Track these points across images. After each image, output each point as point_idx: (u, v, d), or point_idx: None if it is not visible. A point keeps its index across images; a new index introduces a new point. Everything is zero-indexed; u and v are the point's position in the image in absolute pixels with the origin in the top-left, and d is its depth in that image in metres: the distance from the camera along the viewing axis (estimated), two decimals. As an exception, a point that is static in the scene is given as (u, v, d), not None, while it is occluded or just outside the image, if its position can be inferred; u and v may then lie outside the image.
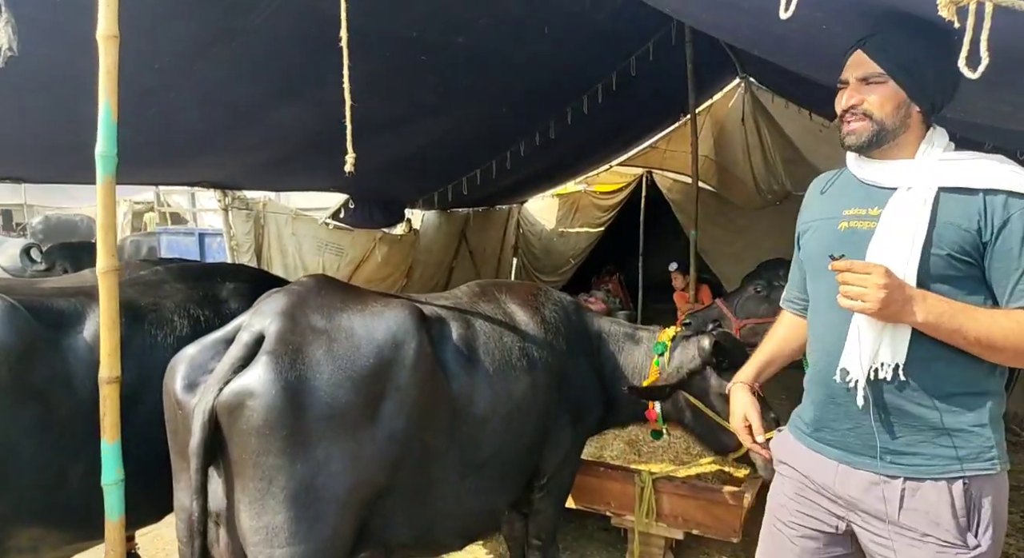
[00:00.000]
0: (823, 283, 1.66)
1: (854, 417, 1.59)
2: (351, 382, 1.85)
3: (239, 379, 1.78)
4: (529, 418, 2.35)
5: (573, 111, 4.98)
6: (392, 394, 1.93)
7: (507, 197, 7.76)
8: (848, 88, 1.61)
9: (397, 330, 1.98)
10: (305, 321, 1.91)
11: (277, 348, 1.83)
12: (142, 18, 2.52)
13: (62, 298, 2.13)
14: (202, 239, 8.25)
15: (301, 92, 3.42)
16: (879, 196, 1.59)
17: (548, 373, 2.44)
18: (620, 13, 3.93)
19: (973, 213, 1.48)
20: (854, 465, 1.61)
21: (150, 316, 2.22)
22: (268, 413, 1.75)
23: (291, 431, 1.77)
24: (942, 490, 1.51)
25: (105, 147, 1.87)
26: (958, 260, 1.49)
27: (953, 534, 1.50)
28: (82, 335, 2.07)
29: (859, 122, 1.58)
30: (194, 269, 2.60)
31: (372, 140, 4.26)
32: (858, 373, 1.53)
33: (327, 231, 5.97)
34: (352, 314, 1.98)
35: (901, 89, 1.54)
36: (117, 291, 1.90)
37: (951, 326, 1.44)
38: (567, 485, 2.71)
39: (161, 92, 3.16)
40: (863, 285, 1.42)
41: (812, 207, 1.81)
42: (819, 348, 1.68)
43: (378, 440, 1.90)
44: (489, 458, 2.23)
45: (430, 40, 3.48)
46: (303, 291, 2.04)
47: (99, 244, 1.89)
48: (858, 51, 1.59)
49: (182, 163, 4.21)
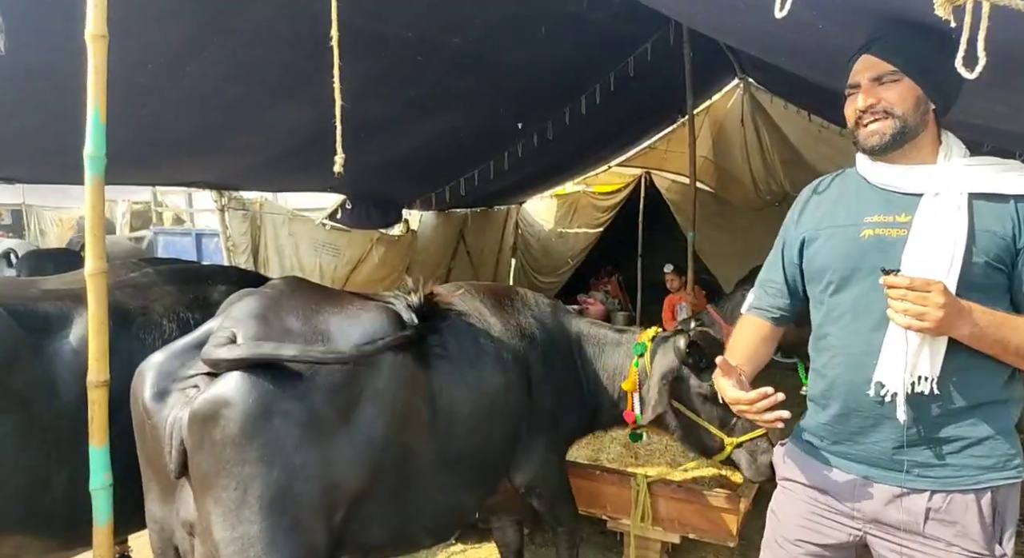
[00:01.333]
0: (846, 295, 1.59)
1: (881, 430, 1.55)
2: (327, 386, 1.82)
3: (213, 388, 1.74)
4: (501, 418, 2.35)
5: (571, 112, 4.97)
6: (371, 397, 1.90)
7: (505, 198, 7.74)
8: (861, 90, 1.55)
9: (375, 333, 1.94)
10: (279, 324, 1.86)
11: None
12: (135, 17, 2.49)
13: (47, 302, 2.10)
14: (199, 239, 8.22)
15: (296, 92, 3.40)
16: (904, 202, 1.54)
17: (520, 374, 2.43)
18: (618, 13, 3.91)
19: (1007, 220, 1.46)
20: (878, 479, 1.57)
21: (138, 320, 2.19)
22: (244, 421, 1.71)
23: (268, 439, 1.73)
24: (971, 501, 1.49)
25: (94, 148, 1.85)
26: (993, 268, 1.47)
27: (981, 544, 1.49)
28: (68, 340, 2.04)
29: (881, 121, 1.52)
30: (184, 271, 2.57)
31: (369, 140, 4.23)
32: (898, 387, 1.47)
33: (324, 232, 5.95)
34: (328, 316, 1.95)
35: (917, 85, 1.49)
36: (106, 293, 1.88)
37: (995, 337, 1.42)
38: (559, 482, 2.69)
39: (155, 92, 3.14)
40: (923, 304, 1.36)
41: (817, 213, 1.72)
42: (843, 361, 1.60)
43: (356, 444, 1.87)
44: (460, 456, 2.22)
45: (426, 40, 3.47)
46: (275, 294, 1.99)
47: (87, 246, 1.87)
48: (864, 56, 1.55)
49: (177, 163, 4.19)
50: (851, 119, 1.59)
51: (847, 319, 1.60)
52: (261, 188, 5.54)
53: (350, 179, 5.30)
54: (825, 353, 1.66)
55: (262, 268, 5.63)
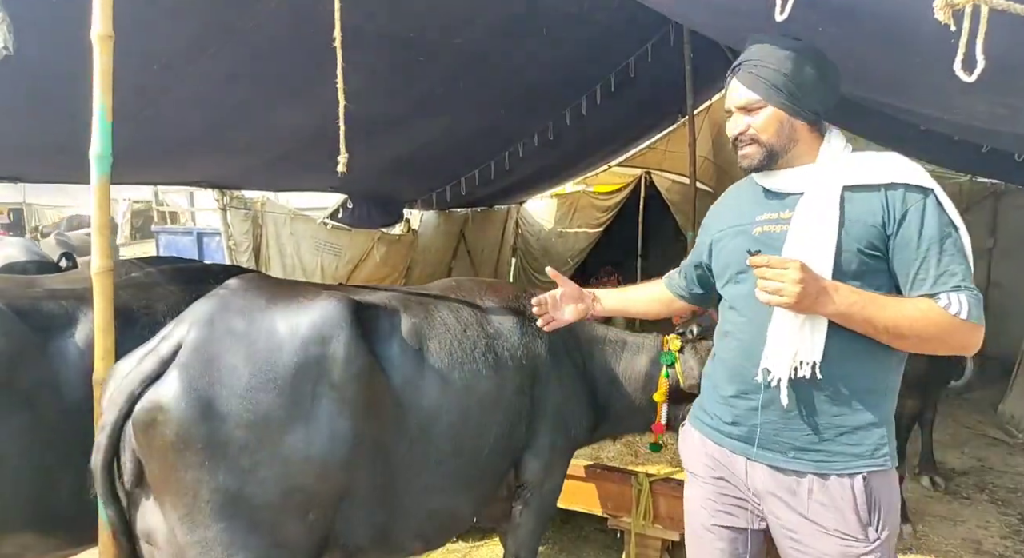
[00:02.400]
0: (742, 286, 1.73)
1: (767, 413, 1.65)
2: (272, 384, 1.76)
3: (149, 394, 1.72)
4: (493, 417, 2.22)
5: (572, 112, 4.97)
6: (327, 392, 1.82)
7: (506, 197, 7.75)
8: (733, 117, 1.71)
9: (323, 324, 1.86)
10: (224, 326, 1.82)
11: (189, 358, 1.76)
12: (140, 17, 2.51)
13: (52, 301, 2.11)
14: (200, 239, 8.24)
15: (298, 92, 3.41)
16: (788, 201, 1.68)
17: (520, 374, 2.32)
18: (618, 14, 3.92)
19: (877, 208, 1.56)
20: (762, 460, 1.68)
21: (142, 319, 2.21)
22: (180, 427, 1.69)
23: (207, 443, 1.70)
24: (845, 486, 1.59)
25: (100, 147, 1.86)
26: (867, 255, 1.56)
27: (856, 528, 1.58)
28: (72, 339, 2.05)
29: (749, 147, 1.68)
30: (187, 270, 2.59)
31: (370, 140, 4.25)
32: (781, 371, 1.58)
33: (325, 231, 5.96)
34: (275, 312, 1.88)
35: (781, 110, 1.63)
36: (111, 292, 1.90)
37: (862, 315, 1.51)
38: (551, 498, 2.56)
39: (159, 91, 3.16)
40: (780, 279, 1.47)
41: (722, 218, 1.88)
42: (737, 346, 1.73)
43: (317, 442, 1.80)
44: (447, 456, 2.12)
45: (428, 41, 3.48)
46: (227, 294, 1.94)
47: (93, 245, 1.88)
48: (733, 81, 1.69)
49: (180, 163, 4.20)
50: (731, 139, 1.74)
51: (742, 309, 1.72)
52: (264, 187, 5.55)
53: (351, 179, 5.30)
54: (724, 340, 1.80)
55: (264, 267, 5.64)
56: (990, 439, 5.22)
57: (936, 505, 4.09)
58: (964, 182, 6.88)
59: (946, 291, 1.49)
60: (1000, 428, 5.41)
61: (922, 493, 4.23)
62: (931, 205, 1.54)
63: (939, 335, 1.50)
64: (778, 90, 1.62)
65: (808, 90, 1.62)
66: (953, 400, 5.61)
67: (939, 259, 1.51)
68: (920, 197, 1.54)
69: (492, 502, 2.43)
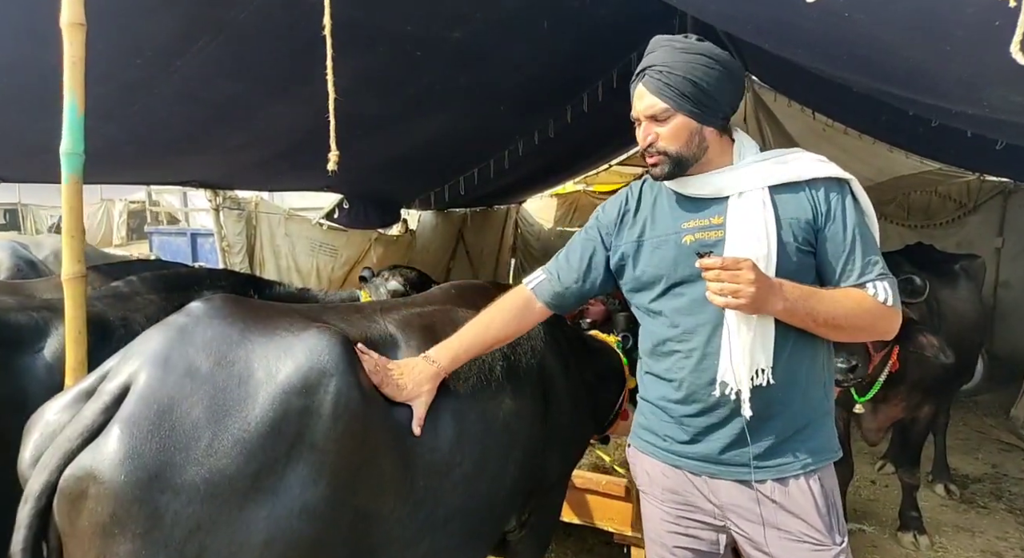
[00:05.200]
0: (682, 299, 1.65)
1: (727, 426, 1.61)
2: (240, 447, 1.36)
3: (83, 457, 1.32)
4: (512, 455, 1.91)
5: (573, 109, 4.85)
6: (304, 456, 1.42)
7: (505, 197, 7.64)
8: (642, 127, 1.64)
9: (310, 369, 1.46)
10: (183, 365, 1.41)
11: (136, 410, 1.35)
12: (122, 8, 2.39)
13: (21, 312, 1.98)
14: (194, 239, 8.11)
15: (290, 89, 3.28)
16: (714, 206, 1.64)
17: (536, 398, 2.03)
18: (621, 7, 3.80)
19: (805, 205, 1.59)
20: (723, 476, 1.64)
21: (119, 332, 2.05)
22: (117, 504, 1.29)
23: (149, 527, 1.30)
24: (804, 489, 1.60)
25: (71, 144, 1.72)
26: (803, 252, 1.58)
27: (823, 531, 1.59)
28: (41, 353, 1.91)
29: (657, 157, 1.63)
30: (168, 278, 2.44)
31: (365, 138, 4.12)
32: (742, 382, 1.54)
33: (321, 232, 5.84)
34: (251, 350, 1.47)
35: (690, 118, 1.59)
36: (84, 299, 1.77)
37: (804, 309, 1.51)
38: (555, 517, 2.39)
39: (144, 87, 3.03)
40: (736, 281, 1.43)
41: (627, 228, 1.77)
42: (687, 364, 1.64)
43: (280, 519, 1.39)
44: (455, 512, 1.76)
45: (425, 35, 3.35)
46: (189, 322, 1.51)
47: (64, 249, 1.75)
48: (638, 87, 1.62)
49: (169, 162, 4.08)
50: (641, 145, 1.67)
51: (686, 324, 1.65)
52: (256, 187, 5.42)
53: (347, 178, 5.19)
54: (668, 358, 1.70)
55: (258, 269, 5.52)
56: (1003, 444, 5.09)
57: (952, 514, 3.97)
58: (972, 181, 6.76)
59: (871, 280, 1.56)
60: (1014, 433, 5.28)
61: (937, 501, 4.11)
62: (850, 197, 1.61)
63: (872, 323, 1.57)
64: (686, 98, 1.56)
65: (717, 95, 1.59)
66: (963, 403, 5.49)
67: (863, 249, 1.57)
68: (840, 190, 1.60)
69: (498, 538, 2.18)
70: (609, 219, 1.83)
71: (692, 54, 1.57)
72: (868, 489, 4.32)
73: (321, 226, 5.83)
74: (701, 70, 1.56)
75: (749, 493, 1.62)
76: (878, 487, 4.36)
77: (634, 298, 1.79)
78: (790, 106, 6.32)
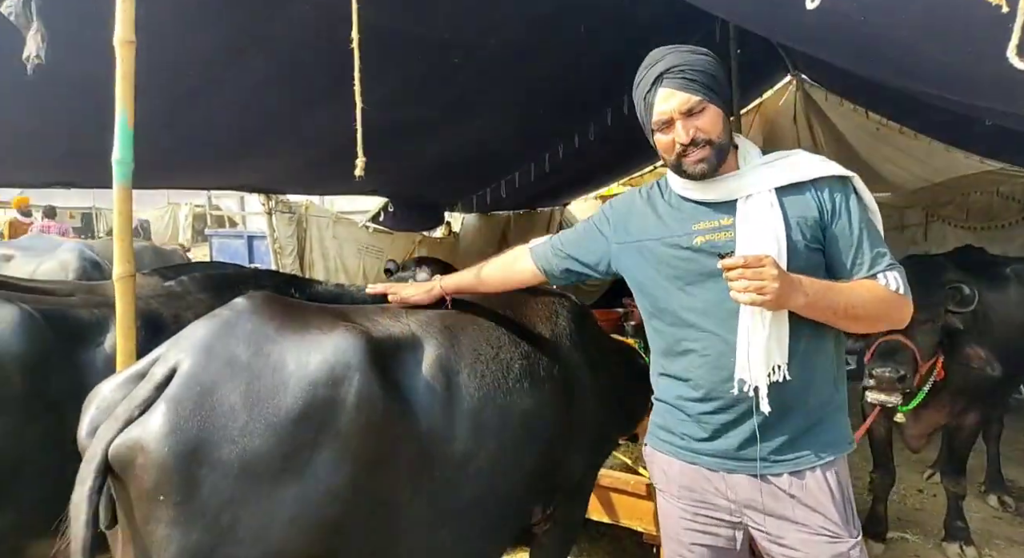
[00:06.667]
0: (696, 299, 1.68)
1: (744, 424, 1.65)
2: (272, 430, 1.50)
3: (133, 429, 1.47)
4: (530, 450, 1.98)
5: (613, 111, 4.86)
6: (329, 442, 1.55)
7: (548, 199, 7.67)
8: (676, 126, 1.64)
9: (336, 363, 1.60)
10: (225, 354, 1.57)
11: (180, 392, 1.50)
12: (172, 23, 2.54)
13: (84, 308, 2.13)
14: (250, 242, 8.44)
15: (332, 97, 3.39)
16: (723, 209, 1.68)
17: (558, 397, 2.09)
18: (660, 11, 3.79)
19: (811, 204, 1.63)
20: (743, 471, 1.67)
21: (171, 328, 2.19)
22: (159, 475, 1.43)
23: (186, 497, 1.44)
24: (820, 481, 1.62)
25: (121, 153, 1.86)
26: (812, 249, 1.63)
27: (840, 524, 1.62)
28: (102, 347, 2.05)
29: (704, 150, 1.64)
30: (216, 278, 2.59)
31: (407, 143, 4.24)
32: (759, 379, 1.58)
33: (367, 234, 6.01)
34: (285, 344, 1.62)
35: (719, 108, 1.65)
36: (133, 297, 1.90)
37: (824, 302, 1.54)
38: (579, 515, 2.43)
39: (197, 98, 3.21)
40: (760, 278, 1.45)
41: (634, 227, 1.82)
42: (703, 363, 1.68)
43: (306, 499, 1.53)
44: (473, 501, 1.85)
45: (463, 42, 3.44)
46: (232, 316, 1.67)
47: (115, 249, 1.89)
48: (661, 90, 1.64)
49: (221, 167, 4.29)
50: (671, 151, 1.67)
51: (702, 323, 1.68)
52: (304, 191, 5.63)
53: (391, 182, 5.33)
54: (683, 358, 1.73)
55: (308, 270, 5.73)
56: (1063, 456, 4.86)
57: (1005, 527, 3.82)
58: (1034, 180, 6.44)
59: (882, 270, 1.61)
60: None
61: (989, 513, 3.96)
62: (854, 194, 1.66)
63: (887, 311, 1.61)
64: (711, 90, 1.63)
65: (726, 88, 1.68)
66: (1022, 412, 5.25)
67: (870, 242, 1.62)
68: (844, 187, 1.66)
69: (520, 530, 2.26)
70: (618, 215, 1.89)
71: (698, 54, 1.65)
72: (914, 498, 4.20)
73: (367, 229, 6.00)
74: (712, 66, 1.65)
75: (765, 487, 1.65)
76: (925, 496, 4.22)
77: (642, 298, 1.83)
78: (842, 105, 6.16)
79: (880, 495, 3.52)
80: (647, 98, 1.67)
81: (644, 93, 1.68)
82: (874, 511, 3.53)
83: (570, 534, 2.46)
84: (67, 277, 4.44)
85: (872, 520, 3.50)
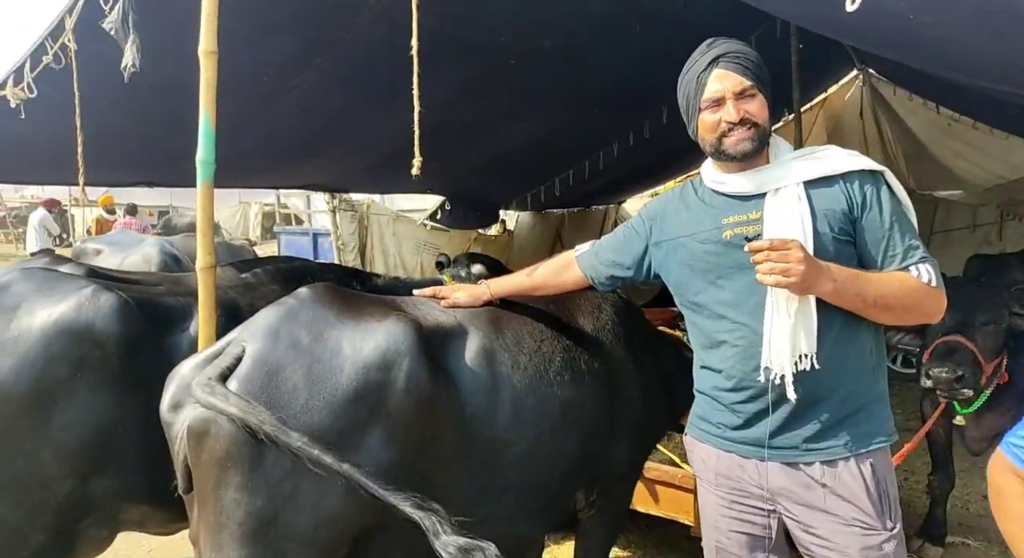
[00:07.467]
0: (726, 292, 1.72)
1: (775, 412, 1.67)
2: (329, 408, 1.65)
3: None
4: (571, 439, 2.06)
5: (668, 109, 4.86)
6: (380, 421, 1.69)
7: (603, 197, 7.69)
8: (727, 104, 1.68)
9: (387, 349, 1.74)
10: (289, 338, 1.72)
11: (250, 371, 1.66)
12: (247, 33, 2.73)
13: (171, 297, 2.34)
14: (315, 239, 8.76)
15: (390, 100, 3.56)
16: (752, 203, 1.71)
17: (600, 389, 2.16)
18: (717, 10, 3.79)
19: (840, 197, 1.66)
20: (776, 459, 1.70)
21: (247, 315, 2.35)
22: (232, 443, 1.59)
23: (254, 465, 1.60)
24: (855, 472, 1.63)
25: (204, 154, 2.04)
26: (840, 240, 1.64)
27: (873, 515, 1.62)
28: (187, 332, 2.24)
29: (748, 131, 1.68)
30: (286, 271, 2.78)
31: (463, 144, 4.37)
32: (784, 368, 1.60)
33: (425, 231, 6.19)
34: (342, 331, 1.76)
35: (766, 100, 1.70)
36: (214, 286, 2.08)
37: (853, 290, 1.56)
38: (623, 504, 2.48)
39: (269, 102, 3.42)
40: (786, 260, 1.48)
41: (669, 226, 1.87)
42: (734, 353, 1.72)
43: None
44: (510, 486, 1.96)
45: (517, 44, 3.53)
46: (295, 304, 1.83)
47: (198, 243, 2.07)
48: (719, 70, 1.69)
49: (289, 167, 4.52)
50: (714, 129, 1.71)
51: (733, 315, 1.71)
52: (366, 189, 5.86)
53: (448, 181, 5.49)
54: (718, 350, 1.77)
55: (368, 266, 5.94)
56: None
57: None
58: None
59: (915, 263, 1.62)
60: None
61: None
62: (886, 187, 1.68)
63: (920, 302, 1.62)
64: (761, 81, 1.69)
65: (771, 89, 1.71)
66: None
67: (902, 235, 1.64)
68: (875, 181, 1.67)
69: (561, 517, 2.33)
70: (653, 215, 1.95)
71: (750, 49, 1.71)
72: (978, 504, 4.05)
73: (425, 227, 6.18)
74: (763, 62, 1.71)
75: (798, 476, 1.67)
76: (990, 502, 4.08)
77: (678, 293, 1.88)
78: (911, 99, 5.99)
79: (939, 498, 3.43)
80: (700, 77, 1.71)
81: (698, 73, 1.71)
82: (932, 514, 3.44)
83: (616, 522, 2.51)
84: (150, 270, 4.77)
85: (931, 523, 3.42)
